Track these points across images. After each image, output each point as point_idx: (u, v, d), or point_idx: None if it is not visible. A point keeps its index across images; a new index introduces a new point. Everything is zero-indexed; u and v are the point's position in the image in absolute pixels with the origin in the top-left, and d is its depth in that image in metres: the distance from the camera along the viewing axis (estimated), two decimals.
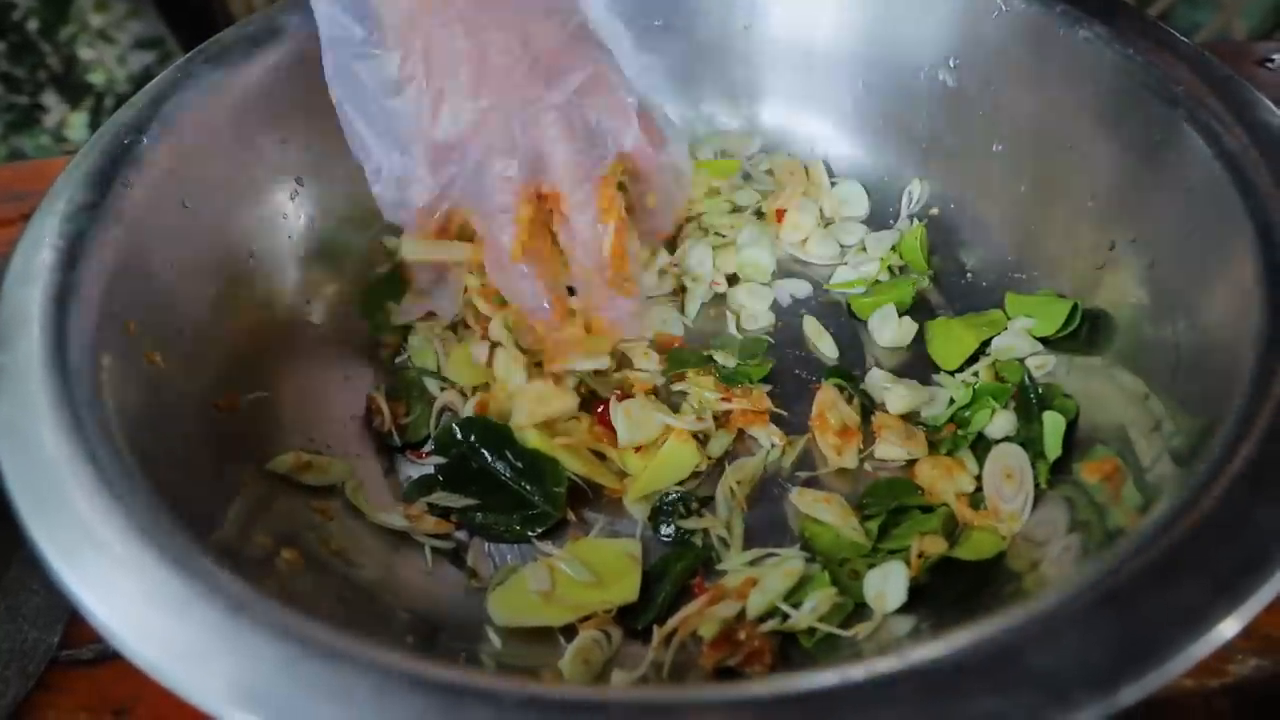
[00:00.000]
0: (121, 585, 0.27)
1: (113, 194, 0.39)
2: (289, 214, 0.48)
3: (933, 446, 0.44)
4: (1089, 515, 0.36)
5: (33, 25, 1.47)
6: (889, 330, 0.50)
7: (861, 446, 0.45)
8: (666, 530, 0.43)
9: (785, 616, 0.37)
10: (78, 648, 0.41)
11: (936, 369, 0.49)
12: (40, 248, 0.36)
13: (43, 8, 1.47)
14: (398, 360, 0.50)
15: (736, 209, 0.57)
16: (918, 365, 0.49)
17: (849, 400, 0.47)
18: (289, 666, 0.25)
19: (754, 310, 0.53)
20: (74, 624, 0.41)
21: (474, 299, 0.49)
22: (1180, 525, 0.26)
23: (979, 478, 0.42)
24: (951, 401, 0.46)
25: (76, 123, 1.51)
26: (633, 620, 0.39)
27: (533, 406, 0.44)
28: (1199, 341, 0.36)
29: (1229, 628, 0.24)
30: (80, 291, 0.35)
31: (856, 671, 0.24)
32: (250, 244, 0.46)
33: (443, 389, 0.48)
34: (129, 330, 0.37)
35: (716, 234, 0.56)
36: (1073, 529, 0.37)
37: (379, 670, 0.25)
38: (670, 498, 0.43)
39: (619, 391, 0.47)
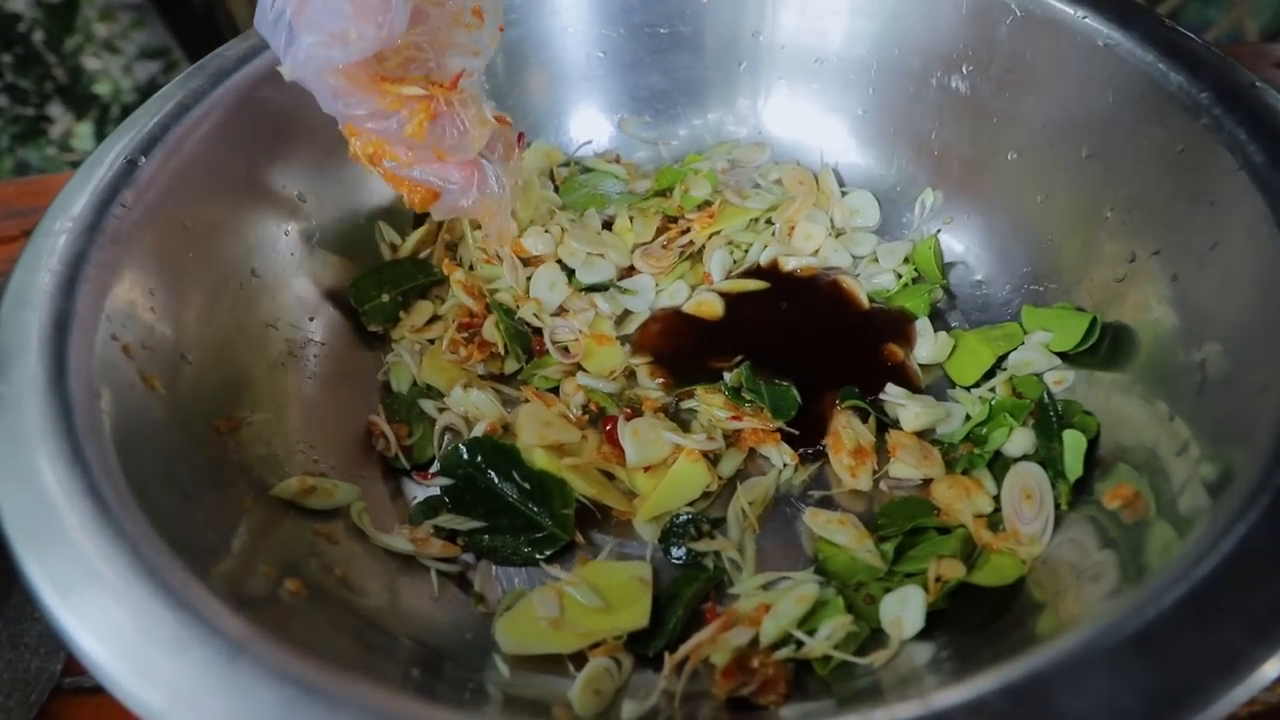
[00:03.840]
0: (118, 624, 0.26)
1: (111, 215, 0.38)
2: (290, 230, 0.48)
3: (949, 465, 0.43)
4: (1117, 534, 0.35)
5: (38, 37, 1.47)
6: (926, 345, 0.49)
7: (876, 466, 0.44)
8: (677, 553, 0.42)
9: (799, 644, 0.36)
10: (80, 675, 0.40)
11: (952, 384, 0.48)
12: (38, 271, 0.36)
13: (48, 19, 1.47)
14: (378, 376, 0.50)
15: (753, 221, 0.56)
16: (933, 381, 0.48)
17: (864, 419, 0.46)
18: (288, 710, 0.24)
19: None
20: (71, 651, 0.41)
21: (459, 294, 0.50)
22: (1213, 560, 0.25)
23: (997, 498, 0.41)
24: (968, 418, 0.45)
25: (83, 133, 1.51)
26: (643, 647, 0.38)
27: (539, 429, 0.44)
28: (1227, 360, 0.34)
29: (1271, 669, 0.23)
30: (79, 316, 0.35)
31: (879, 716, 0.23)
32: (252, 262, 0.45)
33: (440, 410, 0.47)
34: (128, 353, 0.36)
35: (738, 247, 0.55)
36: (1104, 547, 0.35)
37: (379, 715, 0.24)
38: (681, 519, 0.42)
39: (628, 410, 0.46)
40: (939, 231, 0.54)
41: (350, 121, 0.42)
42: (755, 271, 0.54)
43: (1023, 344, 0.47)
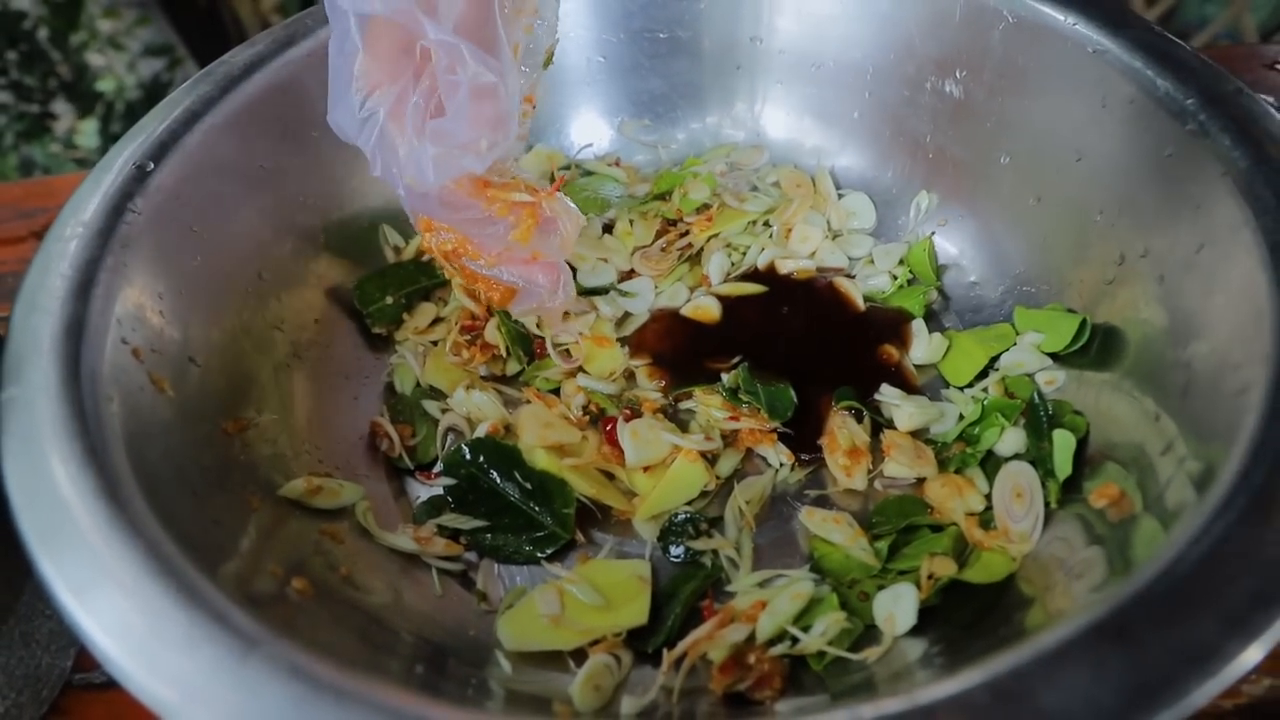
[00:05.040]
0: (131, 622, 0.27)
1: (122, 219, 0.39)
2: (296, 234, 0.48)
3: (942, 464, 0.44)
4: (1104, 531, 0.36)
5: (43, 34, 1.47)
6: (921, 346, 0.50)
7: (871, 465, 0.45)
8: (676, 551, 0.42)
9: (795, 640, 0.37)
10: (91, 671, 0.41)
11: (946, 384, 0.49)
12: (50, 275, 0.36)
13: (52, 16, 1.47)
14: (382, 377, 0.50)
15: (750, 224, 0.57)
16: (927, 381, 0.49)
17: (859, 419, 0.46)
18: (297, 705, 0.25)
19: None
20: (87, 648, 0.41)
21: (461, 297, 0.51)
22: (1192, 556, 0.26)
23: (989, 496, 0.42)
24: (961, 418, 0.46)
25: (87, 130, 1.52)
26: (642, 643, 0.39)
27: (540, 429, 0.44)
28: (1211, 361, 0.35)
29: (1248, 659, 0.23)
30: (90, 320, 0.35)
31: (866, 711, 0.24)
32: (258, 265, 0.46)
33: (444, 410, 0.48)
34: (138, 357, 0.37)
35: (736, 250, 0.56)
36: (1091, 544, 0.36)
37: (388, 712, 0.25)
38: (679, 518, 0.43)
39: (627, 411, 0.47)
40: (933, 234, 0.54)
41: (455, 226, 0.41)
42: (753, 274, 0.55)
43: (1015, 345, 0.47)
